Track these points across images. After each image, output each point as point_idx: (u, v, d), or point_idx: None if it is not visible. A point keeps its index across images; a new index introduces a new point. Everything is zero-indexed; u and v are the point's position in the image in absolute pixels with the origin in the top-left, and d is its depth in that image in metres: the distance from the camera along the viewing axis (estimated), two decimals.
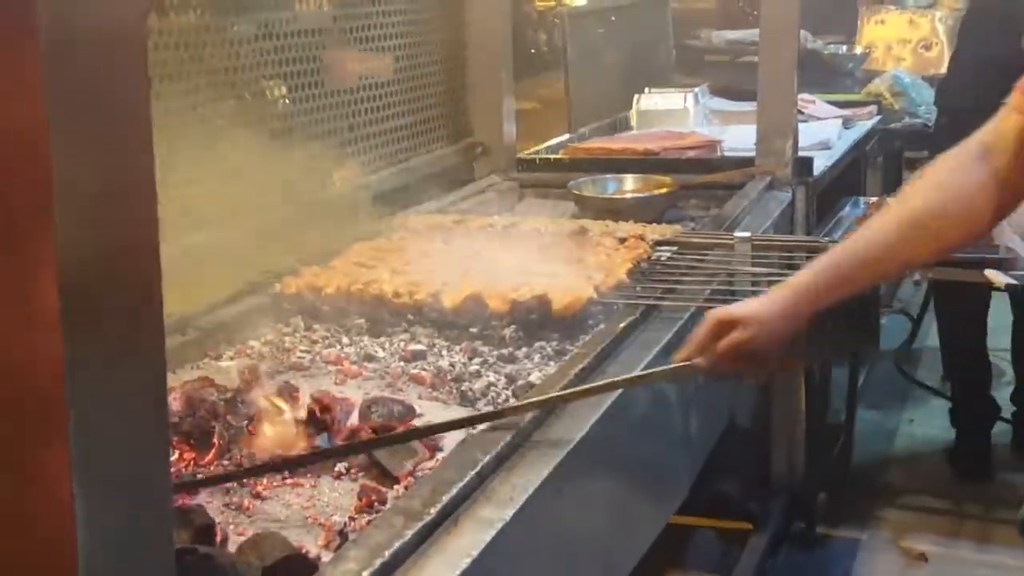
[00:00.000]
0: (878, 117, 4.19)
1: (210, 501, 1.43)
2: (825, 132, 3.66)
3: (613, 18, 4.33)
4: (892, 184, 4.58)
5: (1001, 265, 2.79)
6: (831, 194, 3.33)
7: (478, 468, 1.38)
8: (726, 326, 1.60)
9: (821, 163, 3.21)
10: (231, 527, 1.37)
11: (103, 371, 0.73)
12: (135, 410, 0.76)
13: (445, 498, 1.30)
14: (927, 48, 5.45)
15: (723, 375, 1.69)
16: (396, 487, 1.46)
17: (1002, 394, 3.92)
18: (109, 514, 0.74)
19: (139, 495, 0.77)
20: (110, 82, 0.72)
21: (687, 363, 1.64)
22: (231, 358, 1.92)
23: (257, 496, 1.46)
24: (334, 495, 1.47)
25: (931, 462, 3.84)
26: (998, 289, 2.81)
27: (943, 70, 4.48)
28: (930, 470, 3.80)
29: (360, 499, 1.43)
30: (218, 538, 1.31)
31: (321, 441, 1.57)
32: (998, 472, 3.72)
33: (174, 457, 1.52)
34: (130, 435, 0.76)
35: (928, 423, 4.10)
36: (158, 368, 0.79)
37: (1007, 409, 3.88)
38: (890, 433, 4.07)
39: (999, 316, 3.76)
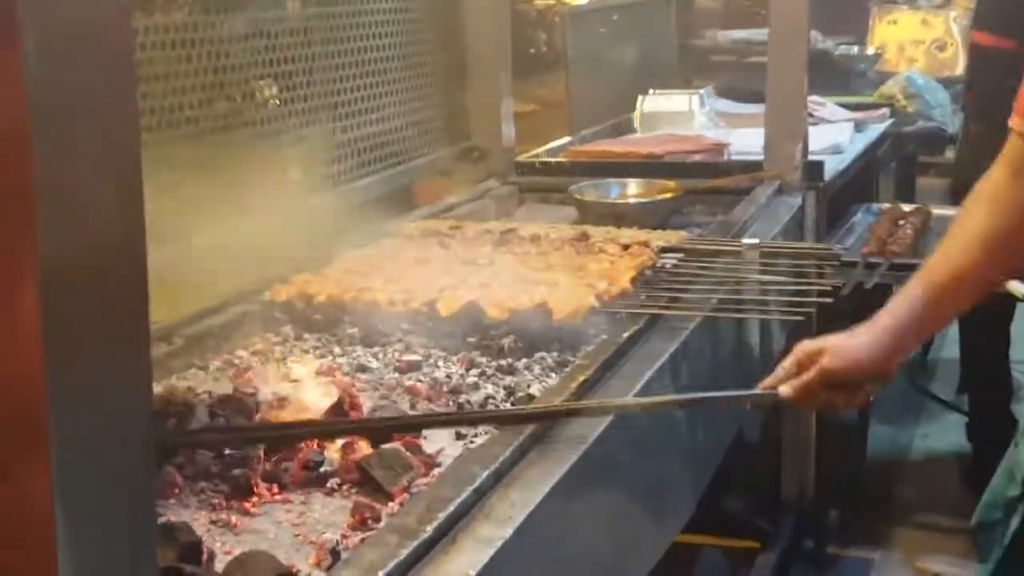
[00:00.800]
0: (891, 120, 4.11)
1: (196, 518, 1.40)
2: (836, 135, 3.59)
3: (615, 17, 4.26)
4: (905, 189, 4.51)
5: (1022, 275, 2.70)
6: (842, 199, 3.26)
7: (476, 484, 1.34)
8: (814, 356, 1.60)
9: (832, 167, 3.14)
10: (218, 545, 1.34)
11: (87, 383, 0.71)
12: (120, 423, 0.74)
13: (441, 515, 1.27)
14: (941, 49, 5.39)
15: (809, 406, 1.69)
16: (390, 504, 1.42)
17: (1021, 408, 3.83)
18: (91, 531, 0.72)
19: (123, 512, 0.75)
20: (95, 84, 0.71)
21: (770, 391, 1.64)
22: (219, 368, 1.87)
23: (245, 513, 1.42)
24: (325, 512, 1.43)
25: (946, 479, 3.78)
26: (1020, 300, 2.72)
27: (958, 71, 4.41)
28: (945, 487, 3.73)
29: (353, 516, 1.39)
30: (204, 557, 1.28)
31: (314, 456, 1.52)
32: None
33: None
34: (114, 449, 0.74)
35: (942, 438, 4.03)
36: (144, 379, 0.78)
37: None
38: (903, 449, 4.01)
39: (1020, 325, 3.67)
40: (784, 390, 1.62)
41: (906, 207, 3.26)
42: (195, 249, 2.03)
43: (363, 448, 1.53)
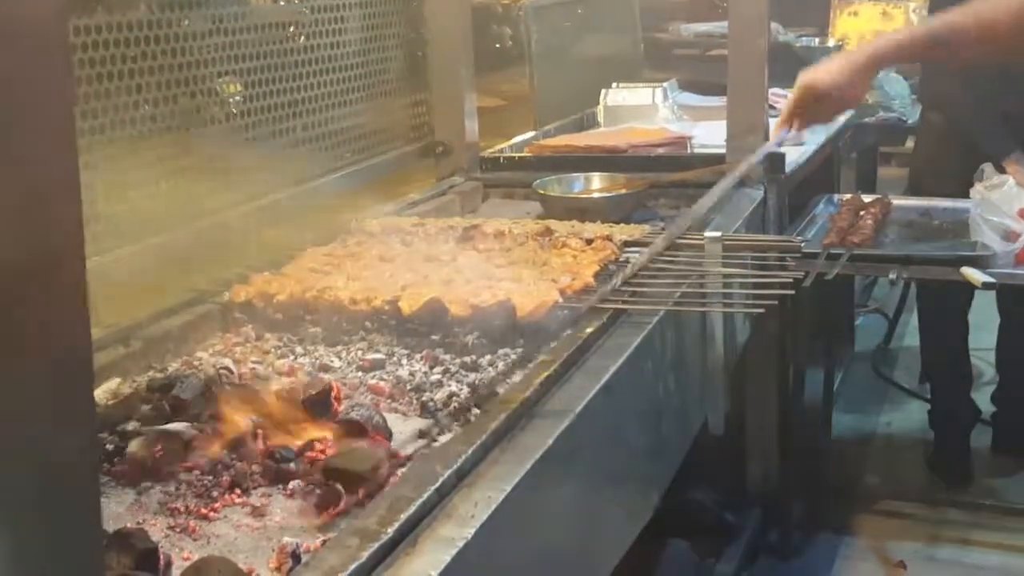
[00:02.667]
0: (851, 112, 4.12)
1: (153, 523, 1.37)
2: None
3: (579, 11, 4.25)
4: (866, 180, 4.53)
5: (977, 263, 2.73)
6: (804, 191, 3.27)
7: (438, 484, 1.33)
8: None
9: (793, 160, 3.14)
10: (175, 551, 1.32)
11: (24, 388, 0.69)
12: (60, 428, 0.71)
13: (403, 516, 1.25)
14: None
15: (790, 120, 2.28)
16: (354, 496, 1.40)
17: (981, 395, 3.86)
18: (31, 542, 0.70)
19: (65, 520, 0.72)
20: (28, 83, 0.68)
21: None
22: (178, 369, 1.84)
23: (203, 517, 1.40)
24: (286, 515, 1.40)
25: (909, 466, 3.80)
26: (975, 287, 2.75)
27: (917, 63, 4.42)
28: (908, 474, 3.76)
29: (319, 507, 1.38)
30: (161, 563, 1.25)
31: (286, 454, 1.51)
32: (978, 476, 3.66)
33: None
34: (55, 455, 0.71)
35: (906, 426, 4.06)
36: (85, 384, 0.75)
37: (986, 411, 3.82)
38: (867, 437, 4.03)
39: (979, 314, 3.70)
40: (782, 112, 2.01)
41: (867, 198, 3.28)
42: (153, 248, 2.00)
43: (326, 451, 1.52)
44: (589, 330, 1.84)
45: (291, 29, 2.55)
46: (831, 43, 5.34)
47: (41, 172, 0.69)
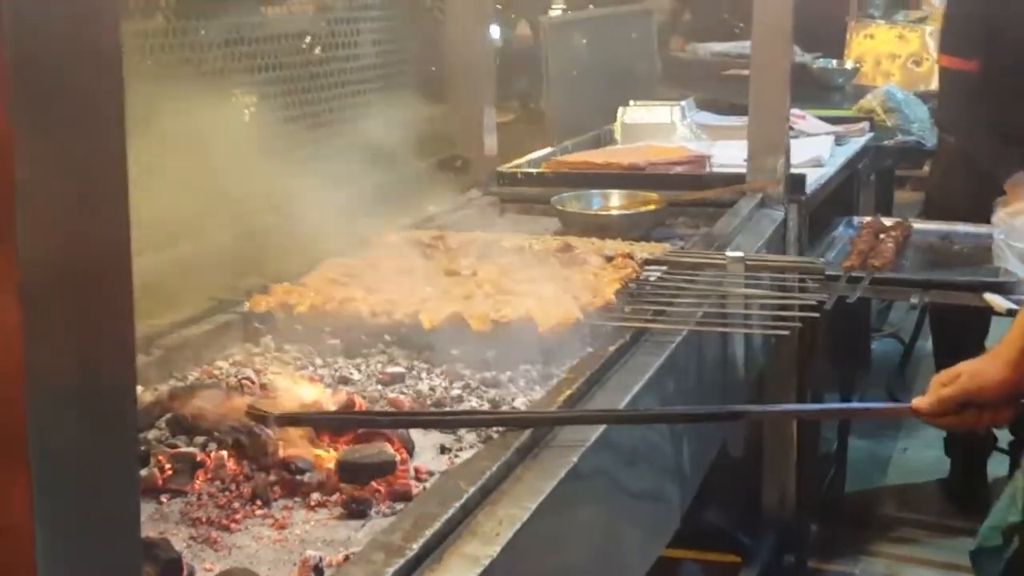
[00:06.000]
0: (871, 134, 4.12)
1: (175, 534, 1.36)
2: (817, 148, 3.59)
3: (595, 28, 4.24)
4: (884, 203, 4.51)
5: (1001, 289, 2.71)
6: (823, 213, 3.25)
7: (463, 501, 1.31)
8: (952, 375, 1.69)
9: (813, 181, 3.13)
10: (197, 562, 1.31)
11: (68, 393, 0.68)
12: (102, 435, 0.70)
13: (428, 532, 1.24)
14: (917, 64, 5.41)
15: (943, 422, 1.73)
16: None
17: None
18: (72, 549, 0.69)
19: (105, 529, 0.72)
20: (81, 90, 0.68)
21: (904, 404, 1.72)
22: (197, 379, 1.84)
23: (225, 529, 1.38)
24: (307, 527, 1.39)
25: (925, 493, 3.78)
26: (998, 314, 2.72)
27: (933, 86, 4.42)
28: (924, 501, 3.73)
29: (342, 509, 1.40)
30: (185, 574, 1.25)
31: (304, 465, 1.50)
32: (994, 504, 3.62)
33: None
34: (97, 463, 0.70)
35: (921, 452, 4.03)
36: (128, 390, 0.74)
37: (1003, 439, 3.79)
38: (883, 462, 4.01)
39: (993, 342, 3.67)
40: (918, 403, 1.69)
41: (887, 221, 3.26)
42: (175, 257, 2.00)
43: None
44: (612, 349, 1.82)
45: (307, 40, 2.54)
46: (848, 65, 5.33)
47: (90, 177, 0.69)
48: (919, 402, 1.68)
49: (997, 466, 3.75)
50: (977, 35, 3.44)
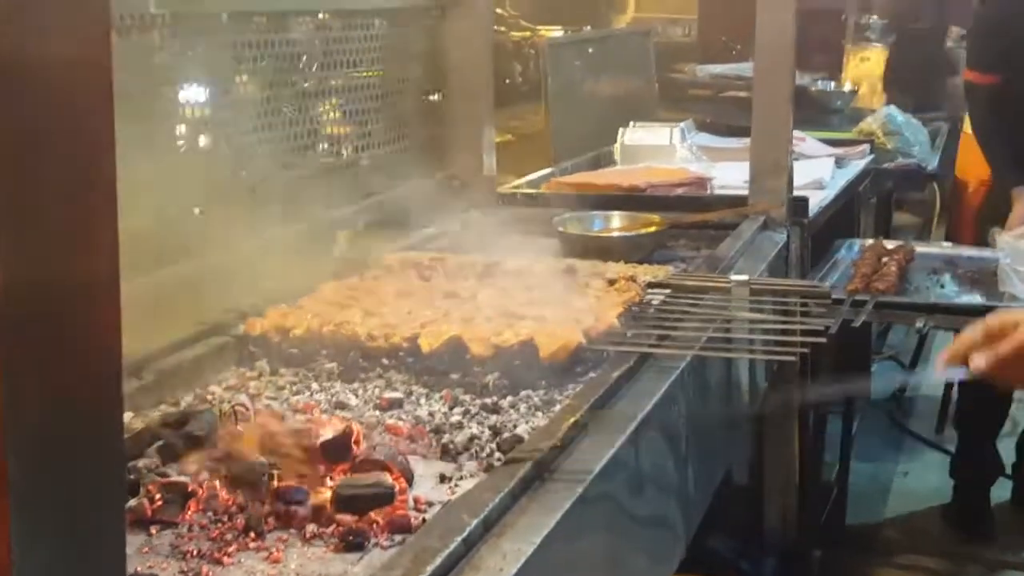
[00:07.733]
0: (871, 156, 4.09)
1: (165, 568, 1.32)
2: (818, 171, 3.57)
3: (595, 49, 4.23)
4: (883, 226, 4.49)
5: None
6: (824, 236, 3.22)
7: (465, 534, 1.27)
8: (1007, 328, 1.49)
9: (815, 203, 3.10)
10: None
11: (50, 417, 0.66)
12: (86, 461, 0.69)
13: (429, 568, 1.19)
14: None
15: (1002, 380, 1.56)
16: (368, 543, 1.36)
17: (1003, 445, 3.80)
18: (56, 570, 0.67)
19: (90, 563, 0.69)
20: (69, 108, 0.67)
21: (959, 366, 1.53)
22: (189, 404, 1.79)
23: (218, 562, 1.33)
24: (303, 560, 1.34)
25: (927, 518, 3.74)
26: None
27: None
28: (926, 526, 3.70)
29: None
30: None
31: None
32: (998, 530, 3.59)
33: None
34: (80, 489, 0.68)
35: (923, 476, 4.00)
36: (114, 414, 0.73)
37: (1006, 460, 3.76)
38: (884, 487, 3.98)
39: None
40: (977, 362, 1.50)
41: (889, 244, 3.23)
42: (168, 279, 1.96)
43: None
44: (615, 374, 1.78)
45: (304, 59, 2.51)
46: (846, 87, 5.33)
47: (77, 196, 0.67)
48: (978, 361, 1.50)
49: (1001, 490, 3.72)
50: (997, 51, 3.65)
